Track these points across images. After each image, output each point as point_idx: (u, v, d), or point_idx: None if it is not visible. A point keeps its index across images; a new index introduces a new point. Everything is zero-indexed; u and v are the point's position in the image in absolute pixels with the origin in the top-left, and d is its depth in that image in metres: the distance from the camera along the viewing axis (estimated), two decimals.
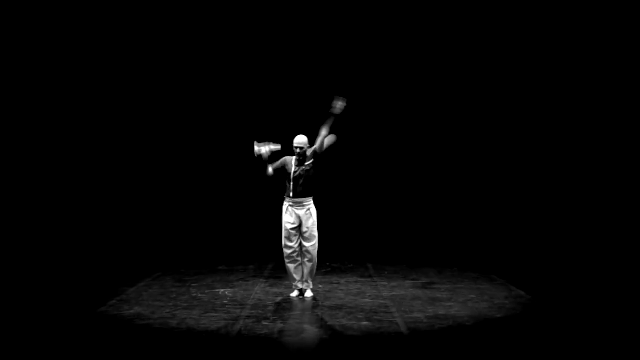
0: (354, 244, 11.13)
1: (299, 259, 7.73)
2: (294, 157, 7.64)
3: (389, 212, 11.54)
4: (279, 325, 6.55)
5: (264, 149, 7.52)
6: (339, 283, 8.61)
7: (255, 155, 7.54)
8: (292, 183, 7.61)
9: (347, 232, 11.31)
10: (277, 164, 7.68)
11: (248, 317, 6.84)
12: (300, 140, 7.61)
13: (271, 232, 11.08)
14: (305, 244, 7.66)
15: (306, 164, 7.60)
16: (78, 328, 6.48)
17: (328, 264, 9.80)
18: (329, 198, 7.75)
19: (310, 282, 7.84)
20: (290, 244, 7.68)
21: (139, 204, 11.34)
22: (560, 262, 9.78)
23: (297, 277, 7.77)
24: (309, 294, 7.79)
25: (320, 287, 8.29)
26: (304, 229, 7.64)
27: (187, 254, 10.72)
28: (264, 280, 8.77)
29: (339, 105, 7.42)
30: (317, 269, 7.98)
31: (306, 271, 7.73)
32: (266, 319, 6.77)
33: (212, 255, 10.64)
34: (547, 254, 10.28)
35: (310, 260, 7.69)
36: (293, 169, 7.62)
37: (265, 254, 10.41)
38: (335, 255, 10.32)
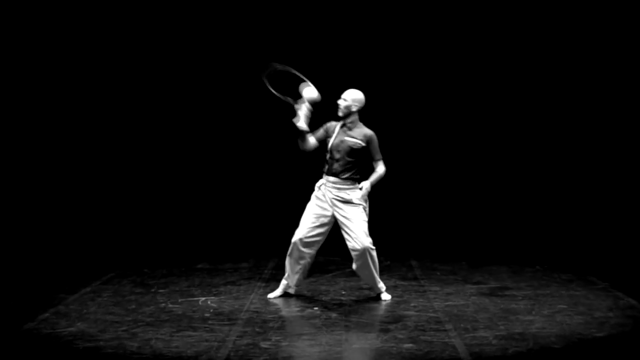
0: (392, 234, 11.14)
1: (308, 257, 7.97)
2: (340, 122, 7.92)
3: (441, 191, 11.56)
4: (283, 348, 6.55)
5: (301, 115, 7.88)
6: (371, 288, 8.60)
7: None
8: (328, 154, 7.93)
9: (383, 218, 11.30)
10: (320, 131, 7.98)
11: (239, 337, 6.85)
12: (349, 95, 7.87)
13: (271, 217, 11.16)
14: (349, 244, 7.89)
15: (355, 139, 7.84)
16: None
17: None
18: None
19: (377, 286, 8.11)
20: (307, 226, 7.92)
21: (85, 185, 11.53)
22: None
23: (292, 271, 8.08)
24: (385, 296, 8.15)
25: (343, 294, 8.34)
26: (343, 224, 7.86)
27: (153, 248, 10.78)
28: (263, 285, 8.81)
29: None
30: (340, 269, 8.03)
31: (363, 277, 8.07)
32: (266, 340, 6.77)
33: (189, 250, 10.71)
34: None
35: (360, 267, 7.94)
36: (334, 136, 7.92)
37: (264, 247, 10.46)
38: None
